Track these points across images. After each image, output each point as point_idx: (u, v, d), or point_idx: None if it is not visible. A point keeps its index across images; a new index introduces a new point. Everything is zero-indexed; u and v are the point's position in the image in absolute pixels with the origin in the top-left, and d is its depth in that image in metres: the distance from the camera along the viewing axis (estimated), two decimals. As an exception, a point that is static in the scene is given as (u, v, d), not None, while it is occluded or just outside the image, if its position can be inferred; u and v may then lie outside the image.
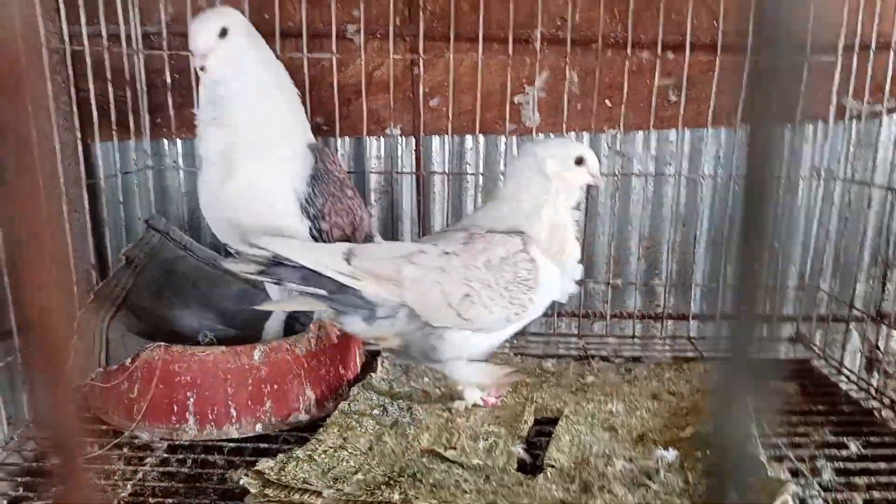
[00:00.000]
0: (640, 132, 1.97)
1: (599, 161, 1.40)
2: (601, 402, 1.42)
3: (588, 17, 1.86)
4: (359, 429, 1.25)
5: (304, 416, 1.36)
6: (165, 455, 1.26)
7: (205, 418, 1.30)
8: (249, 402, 1.32)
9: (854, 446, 1.30)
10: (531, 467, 1.20)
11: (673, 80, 1.87)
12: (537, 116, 1.92)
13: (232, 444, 1.29)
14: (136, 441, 1.29)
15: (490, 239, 1.26)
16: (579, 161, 1.31)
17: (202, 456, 1.26)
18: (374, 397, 1.38)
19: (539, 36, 1.82)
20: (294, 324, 1.60)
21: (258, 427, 1.32)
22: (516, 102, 1.91)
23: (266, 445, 1.28)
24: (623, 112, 1.83)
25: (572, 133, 1.96)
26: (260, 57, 1.39)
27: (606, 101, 1.91)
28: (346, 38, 1.82)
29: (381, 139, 1.96)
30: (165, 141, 1.90)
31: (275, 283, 1.27)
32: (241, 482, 1.06)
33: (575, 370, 1.60)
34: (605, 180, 1.44)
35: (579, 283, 1.41)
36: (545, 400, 1.42)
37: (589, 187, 1.43)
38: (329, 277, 1.19)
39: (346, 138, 1.95)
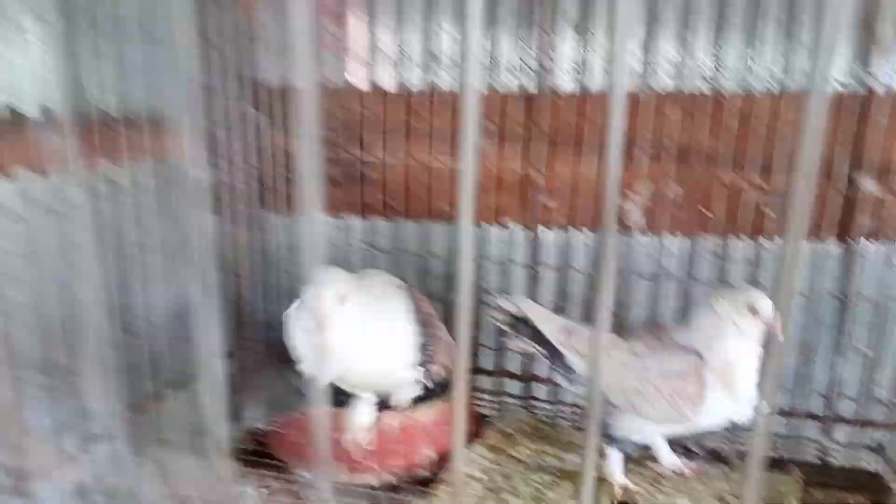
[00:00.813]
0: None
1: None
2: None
3: (692, 139, 2.07)
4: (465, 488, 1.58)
5: (424, 472, 1.72)
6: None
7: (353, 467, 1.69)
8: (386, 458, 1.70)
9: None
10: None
11: (771, 199, 2.04)
12: (641, 219, 2.16)
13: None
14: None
15: (673, 353, 1.52)
16: (752, 310, 1.47)
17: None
18: (480, 461, 1.71)
19: (645, 151, 2.06)
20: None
21: (390, 477, 1.70)
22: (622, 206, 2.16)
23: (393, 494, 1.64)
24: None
25: (669, 235, 2.18)
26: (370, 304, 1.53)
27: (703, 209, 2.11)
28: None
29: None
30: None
31: (515, 337, 1.62)
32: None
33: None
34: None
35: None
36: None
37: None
38: (552, 344, 1.58)
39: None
